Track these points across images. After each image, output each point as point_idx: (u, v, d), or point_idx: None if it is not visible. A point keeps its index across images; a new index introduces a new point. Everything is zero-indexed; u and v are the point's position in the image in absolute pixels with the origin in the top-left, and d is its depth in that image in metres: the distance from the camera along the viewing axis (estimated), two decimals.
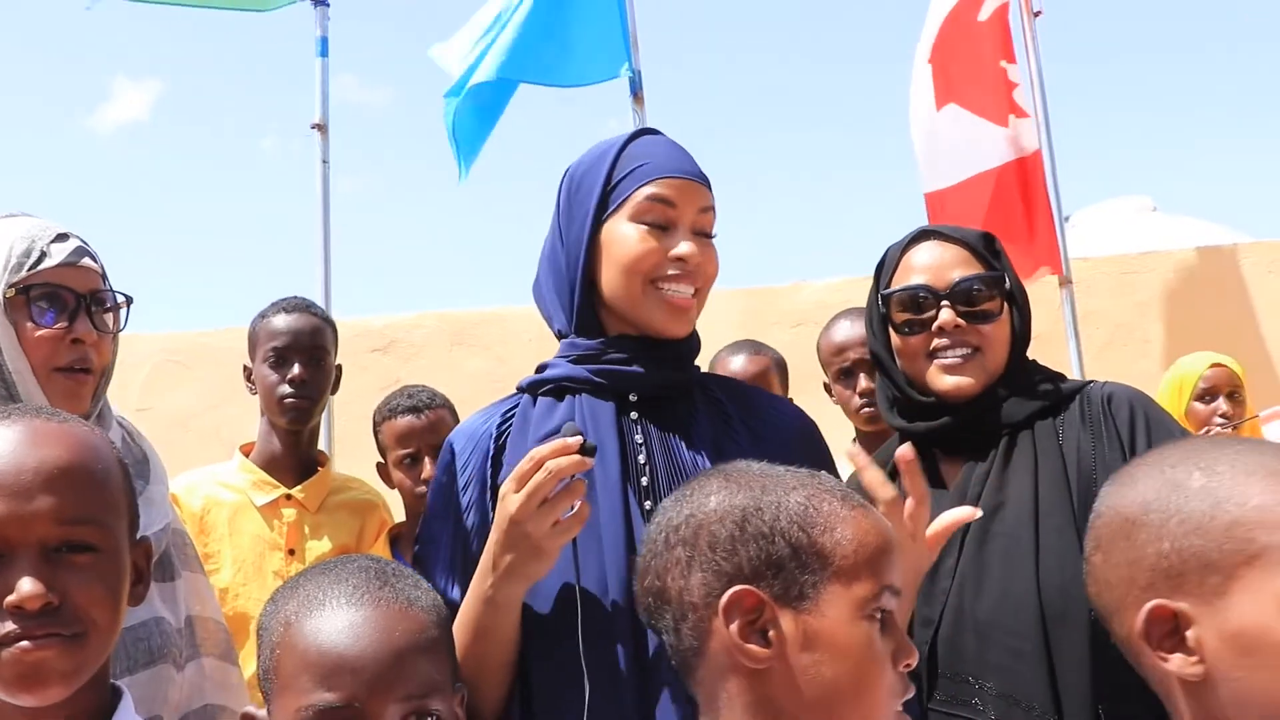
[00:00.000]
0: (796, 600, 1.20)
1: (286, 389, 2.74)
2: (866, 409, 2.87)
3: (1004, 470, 1.78)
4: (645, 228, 1.61)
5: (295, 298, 2.88)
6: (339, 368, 2.90)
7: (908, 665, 1.21)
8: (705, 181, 1.65)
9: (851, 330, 2.93)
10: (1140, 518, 1.11)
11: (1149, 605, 1.08)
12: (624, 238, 1.61)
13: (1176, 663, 1.07)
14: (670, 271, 1.59)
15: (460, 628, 1.52)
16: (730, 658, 1.22)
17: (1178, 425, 1.84)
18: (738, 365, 3.19)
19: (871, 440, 2.80)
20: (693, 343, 1.69)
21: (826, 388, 3.06)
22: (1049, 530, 1.69)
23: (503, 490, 1.49)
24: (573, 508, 1.46)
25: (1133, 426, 1.76)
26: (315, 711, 1.14)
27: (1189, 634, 1.06)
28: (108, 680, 1.25)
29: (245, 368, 2.88)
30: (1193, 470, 1.10)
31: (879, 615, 1.20)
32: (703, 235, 1.64)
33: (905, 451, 1.56)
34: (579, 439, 1.45)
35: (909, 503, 1.53)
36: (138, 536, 1.28)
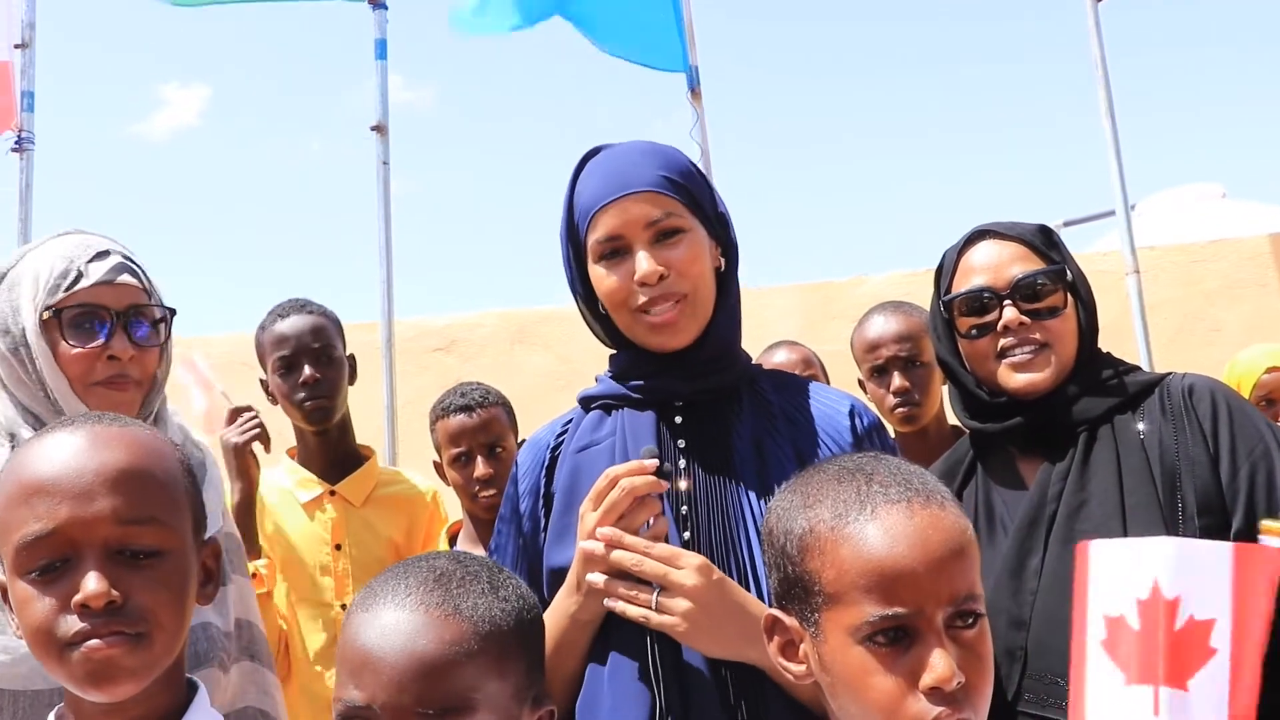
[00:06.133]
0: (809, 624, 1.20)
1: (302, 393, 2.77)
2: (901, 409, 2.73)
3: (1084, 467, 1.75)
4: (606, 264, 1.62)
5: (291, 300, 2.88)
6: (352, 356, 2.91)
7: (936, 687, 1.11)
8: (646, 184, 1.60)
9: (885, 326, 2.77)
10: None
11: None
12: (598, 279, 1.64)
13: None
14: (641, 298, 1.60)
15: None
16: None
17: (1261, 415, 1.79)
18: (779, 360, 3.13)
19: (908, 440, 2.71)
20: (721, 344, 1.67)
21: (860, 384, 2.88)
22: (1137, 526, 1.66)
23: (581, 509, 1.53)
24: (648, 524, 1.49)
25: (1215, 418, 1.73)
26: (344, 706, 1.15)
27: None
28: (183, 676, 1.28)
29: (261, 381, 2.90)
30: None
31: (882, 638, 1.13)
32: (664, 237, 1.60)
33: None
34: (655, 461, 1.49)
35: None
36: (205, 537, 1.30)
